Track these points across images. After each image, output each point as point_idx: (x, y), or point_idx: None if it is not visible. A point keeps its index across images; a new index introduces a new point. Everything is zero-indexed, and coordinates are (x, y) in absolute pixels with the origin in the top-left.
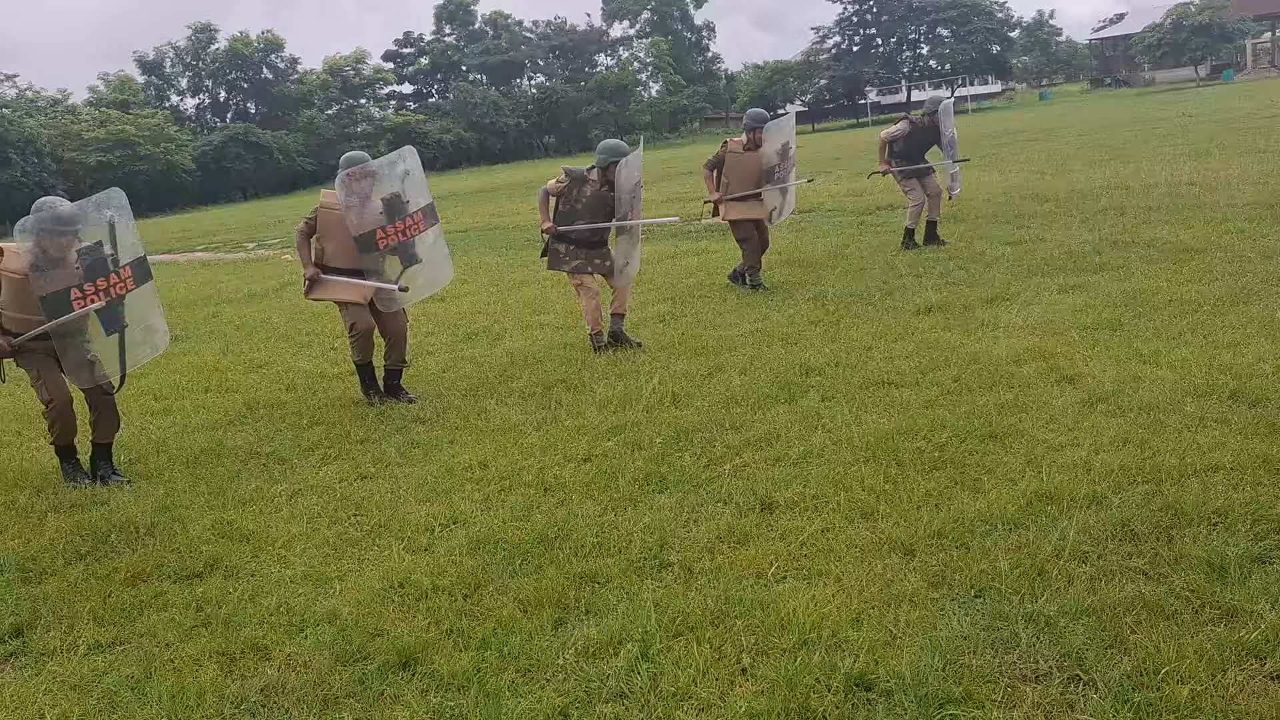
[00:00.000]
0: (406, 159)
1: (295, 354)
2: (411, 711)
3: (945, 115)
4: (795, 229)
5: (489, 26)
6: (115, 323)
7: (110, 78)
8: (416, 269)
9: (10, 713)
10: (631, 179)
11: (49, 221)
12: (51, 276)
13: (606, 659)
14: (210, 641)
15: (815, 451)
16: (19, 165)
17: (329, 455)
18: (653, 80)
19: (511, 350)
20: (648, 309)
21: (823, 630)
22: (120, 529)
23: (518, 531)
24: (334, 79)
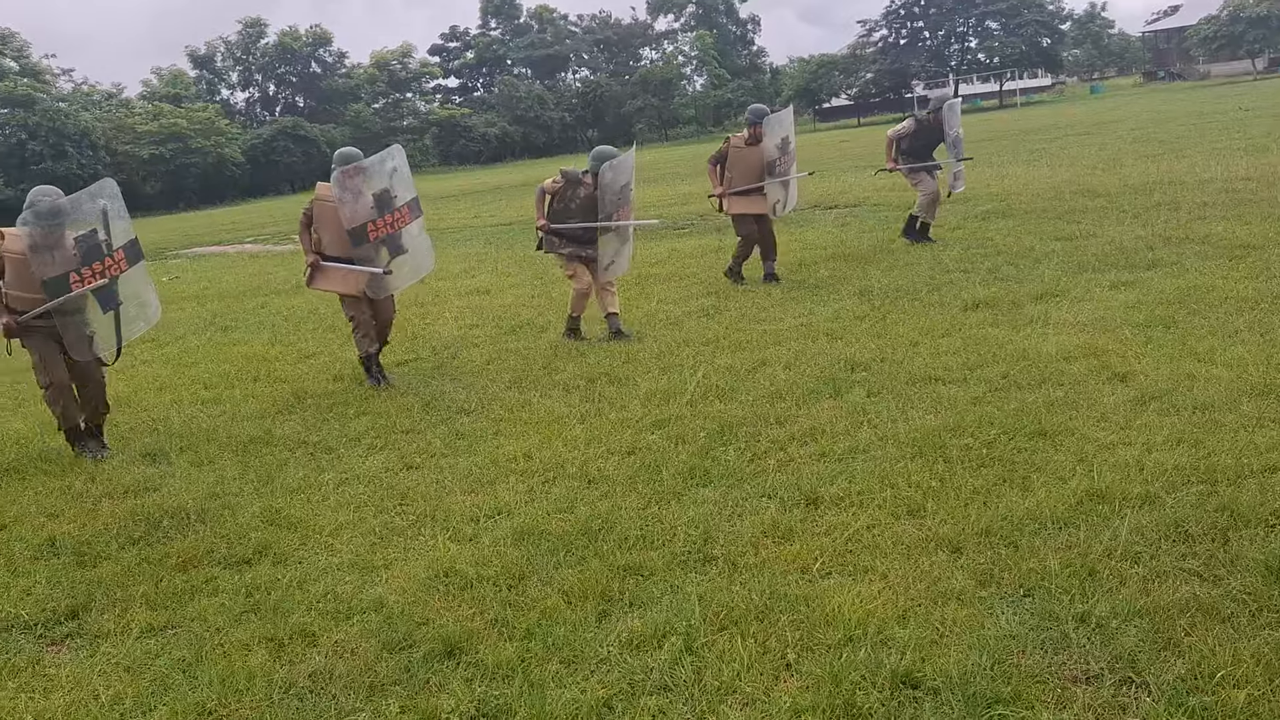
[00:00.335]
0: (395, 157)
1: (342, 345)
2: (457, 700)
3: (950, 114)
4: (840, 224)
5: (534, 20)
6: (111, 301)
7: (163, 72)
8: (403, 258)
9: (66, 693)
10: (618, 181)
11: (47, 213)
12: (51, 261)
13: (650, 651)
14: (259, 627)
15: (861, 447)
16: (75, 158)
17: (375, 445)
18: (697, 74)
19: (555, 343)
20: (691, 303)
21: (868, 627)
22: (172, 515)
23: (561, 523)
24: (381, 73)
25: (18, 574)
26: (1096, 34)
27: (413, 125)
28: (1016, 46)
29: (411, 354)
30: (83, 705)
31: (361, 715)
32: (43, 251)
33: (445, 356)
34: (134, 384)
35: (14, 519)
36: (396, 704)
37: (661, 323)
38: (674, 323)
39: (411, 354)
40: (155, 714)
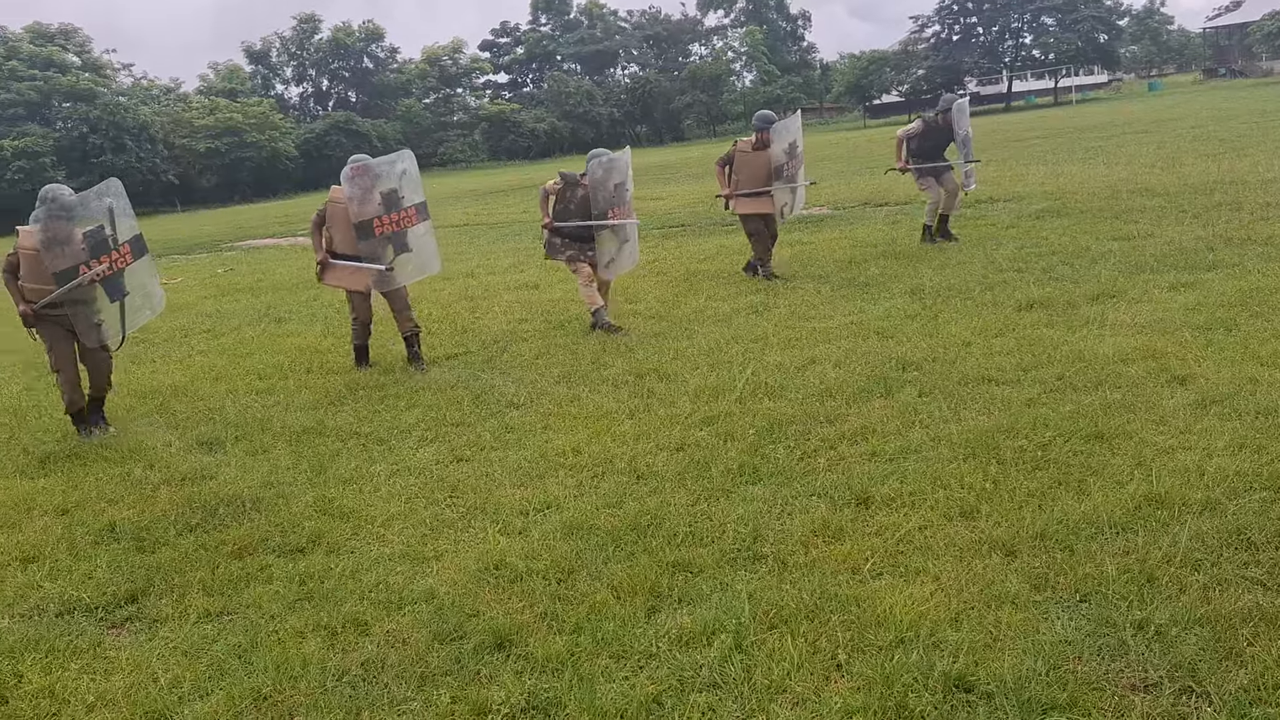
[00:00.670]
0: (405, 160)
1: (394, 338)
2: (507, 692)
3: (959, 114)
4: (890, 221)
5: (584, 16)
6: (118, 291)
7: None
8: (407, 256)
9: (126, 675)
10: (609, 179)
11: (56, 210)
12: (62, 255)
13: (700, 648)
14: (312, 615)
15: (913, 447)
16: (134, 151)
17: (426, 437)
18: (746, 70)
19: (604, 338)
20: (739, 299)
21: (920, 629)
22: (228, 503)
23: (610, 518)
24: (432, 68)
25: (79, 558)
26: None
27: (463, 120)
28: (1072, 42)
29: (461, 347)
30: (142, 687)
31: (413, 705)
32: (54, 246)
33: (494, 350)
34: (190, 373)
35: (75, 504)
36: (448, 694)
37: (710, 319)
38: (722, 319)
39: (461, 347)
40: (212, 698)
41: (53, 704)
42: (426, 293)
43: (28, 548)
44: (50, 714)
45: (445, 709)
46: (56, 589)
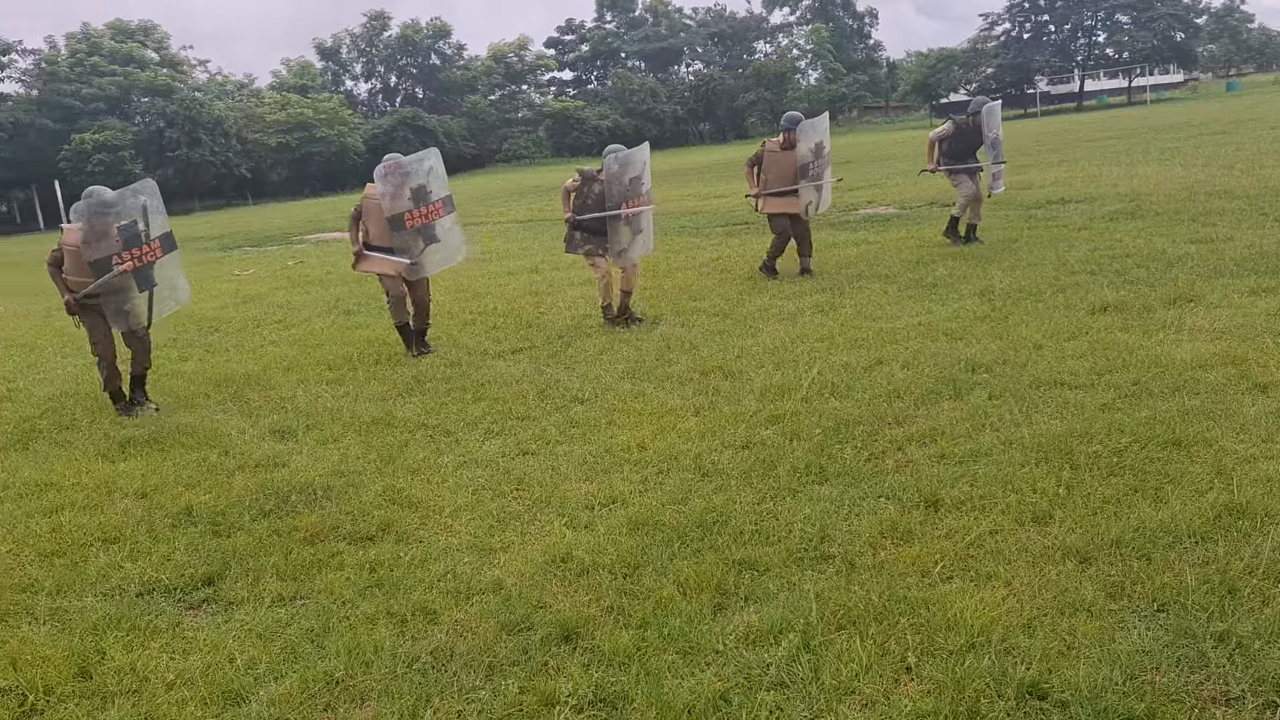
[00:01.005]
0: (432, 158)
1: (460, 331)
2: (575, 684)
3: (989, 117)
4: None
5: (649, 14)
6: (147, 282)
7: (292, 63)
8: (435, 246)
9: (204, 655)
10: (624, 173)
11: (96, 205)
12: (99, 247)
13: (767, 647)
14: (383, 602)
15: (983, 450)
16: (208, 145)
17: (492, 430)
18: (811, 68)
19: (668, 335)
20: (804, 298)
21: (992, 634)
22: (300, 490)
23: (676, 514)
24: (497, 65)
25: (158, 540)
26: (1235, 28)
27: (527, 117)
28: (1148, 41)
29: (526, 342)
30: (219, 668)
31: (481, 694)
32: (92, 240)
33: (559, 345)
34: (263, 363)
35: (154, 488)
36: (515, 684)
37: (774, 318)
38: (787, 318)
39: (526, 342)
40: (287, 680)
41: (134, 680)
42: (492, 288)
43: (109, 529)
44: (132, 690)
45: (513, 699)
46: (137, 570)
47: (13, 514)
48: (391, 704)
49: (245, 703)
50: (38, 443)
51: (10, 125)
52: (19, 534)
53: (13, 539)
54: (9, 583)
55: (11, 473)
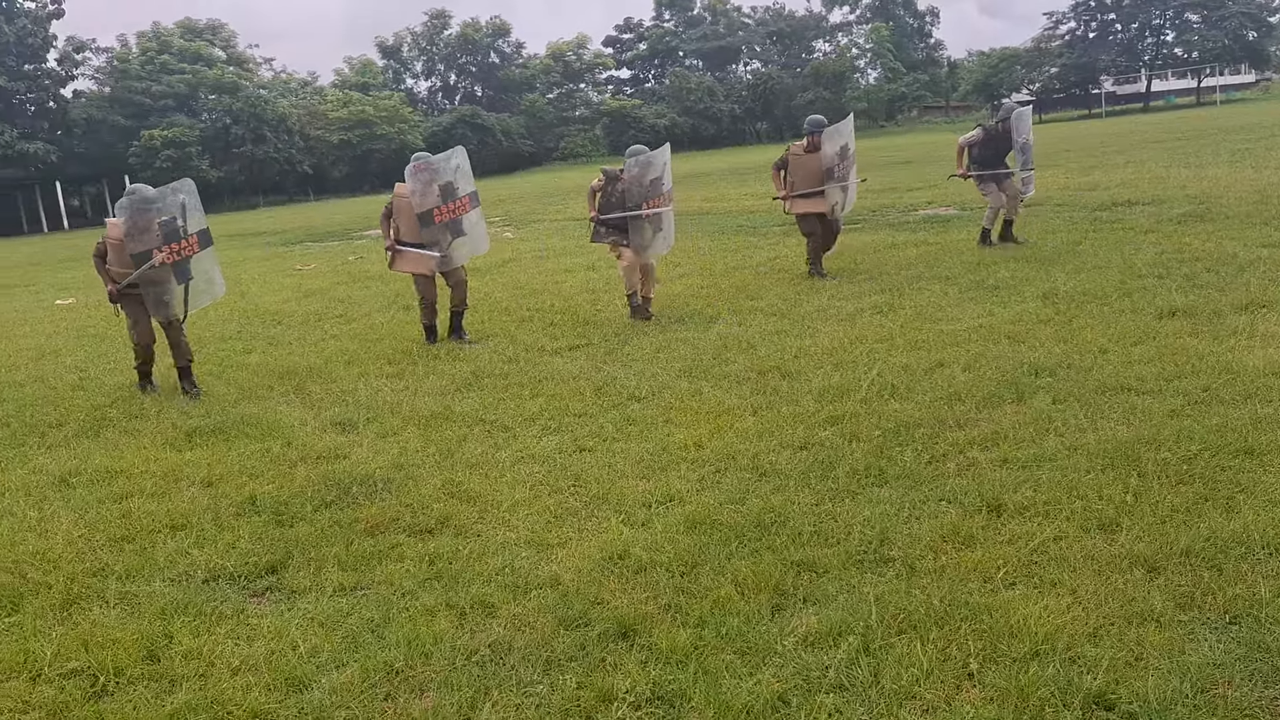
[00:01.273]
0: (458, 156)
1: (517, 327)
2: (632, 681)
3: (1018, 122)
4: (1020, 223)
5: (708, 12)
6: (184, 275)
7: (354, 61)
8: (462, 240)
9: (267, 642)
10: (644, 175)
11: (139, 202)
12: (141, 240)
13: (826, 649)
14: (442, 594)
15: (1047, 455)
16: (272, 142)
17: (549, 426)
18: (871, 67)
19: (725, 334)
20: (863, 299)
21: (1057, 642)
22: (360, 482)
23: (733, 514)
24: (556, 63)
25: (223, 528)
26: None
27: (584, 115)
28: (1218, 40)
29: (583, 339)
30: (282, 655)
31: (539, 688)
32: (135, 234)
33: (616, 343)
34: (324, 356)
35: (219, 477)
36: (573, 680)
37: (833, 318)
38: (846, 319)
39: (583, 339)
40: (348, 669)
41: (200, 665)
42: (549, 285)
43: (176, 516)
44: (198, 674)
45: (571, 694)
46: (203, 556)
47: (85, 499)
48: (451, 695)
49: (308, 690)
50: (108, 431)
51: (84, 121)
52: (90, 519)
53: (85, 523)
54: (81, 567)
55: (83, 459)
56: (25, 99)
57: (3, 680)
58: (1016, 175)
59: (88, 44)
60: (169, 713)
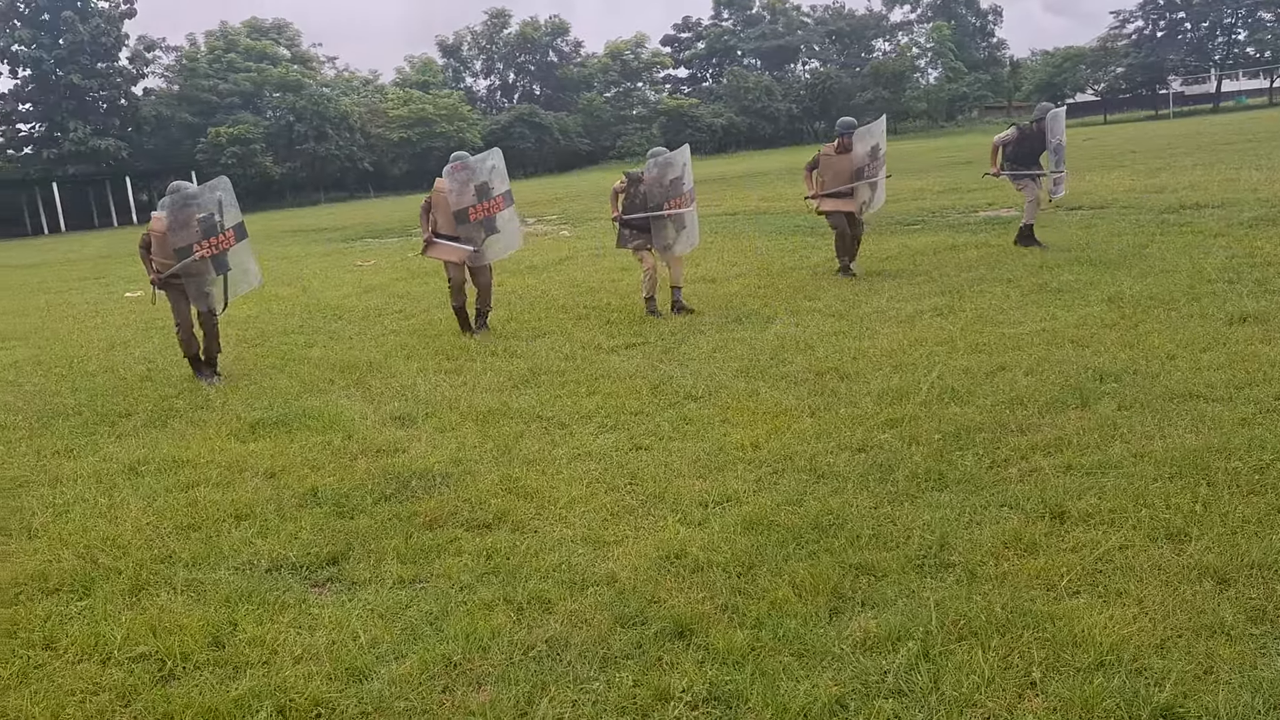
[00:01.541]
0: (494, 157)
1: (574, 325)
2: (689, 680)
3: (1053, 122)
4: (1085, 225)
5: (766, 11)
6: (222, 266)
7: (415, 60)
8: (495, 237)
9: (328, 632)
10: (664, 175)
11: (180, 199)
12: (182, 235)
13: (885, 654)
14: (499, 589)
15: (1112, 462)
16: (334, 139)
17: (605, 424)
18: (931, 66)
19: (782, 335)
20: (923, 301)
21: (1123, 653)
22: (419, 476)
23: (791, 515)
24: (614, 62)
25: (286, 519)
26: None
27: (641, 114)
28: None
29: (639, 337)
30: (343, 645)
31: (596, 685)
32: (177, 228)
33: (672, 342)
34: (384, 350)
35: (282, 468)
36: (630, 678)
37: (892, 320)
38: (905, 320)
39: (639, 337)
40: (407, 660)
41: (264, 653)
42: (605, 283)
43: (240, 506)
44: (262, 661)
45: (627, 691)
46: (266, 546)
47: (153, 488)
48: (508, 690)
49: (368, 680)
50: (175, 421)
51: (153, 119)
52: (158, 507)
53: (153, 511)
54: (150, 553)
55: (151, 448)
56: (98, 97)
57: (74, 662)
58: (1048, 176)
59: (158, 43)
60: (234, 698)
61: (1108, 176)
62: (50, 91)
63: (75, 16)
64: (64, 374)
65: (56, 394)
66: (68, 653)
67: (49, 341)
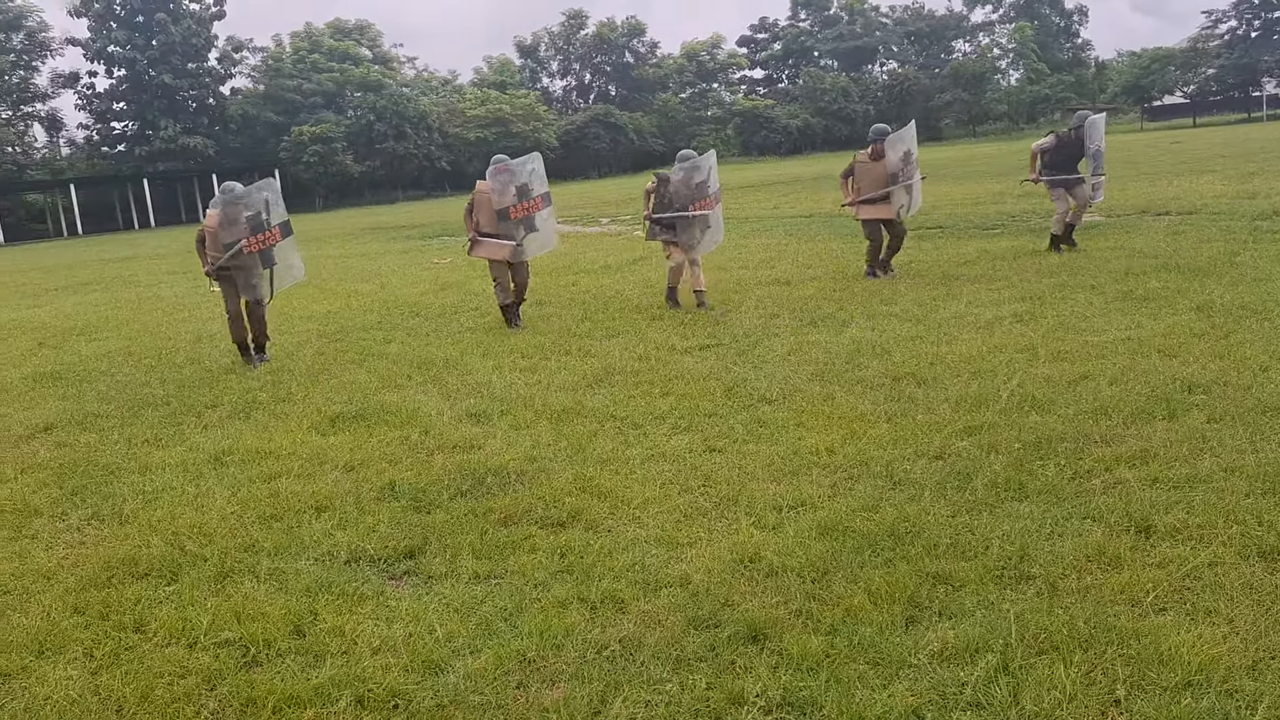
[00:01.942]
0: (534, 161)
1: (648, 325)
2: (763, 685)
3: (1091, 129)
4: (1173, 231)
5: (844, 12)
6: (269, 260)
7: (493, 60)
8: (534, 235)
9: (405, 624)
10: (690, 179)
11: (230, 198)
12: (231, 231)
13: (962, 665)
14: (574, 587)
15: (1202, 476)
16: (412, 138)
17: (679, 425)
18: (1013, 68)
19: (858, 339)
20: (1003, 307)
21: (1212, 674)
22: (495, 473)
23: (866, 522)
24: (689, 63)
25: (364, 512)
26: None
27: (717, 115)
28: None
29: (713, 339)
30: (420, 638)
31: (669, 686)
32: (227, 225)
33: (746, 344)
34: (460, 348)
35: (360, 462)
36: (703, 680)
37: (970, 326)
38: (984, 327)
39: (713, 339)
40: (482, 655)
41: (343, 643)
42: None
43: (321, 498)
44: (342, 651)
45: (700, 694)
46: (345, 538)
47: (237, 478)
48: (582, 687)
49: (444, 673)
50: (258, 413)
51: (239, 117)
52: (242, 497)
53: (237, 500)
54: (234, 542)
55: (235, 439)
56: (188, 96)
57: (163, 645)
58: (1088, 182)
59: (245, 44)
60: (314, 686)
61: (1196, 181)
62: (143, 91)
63: (168, 18)
64: (153, 365)
65: (146, 384)
66: (156, 636)
67: (139, 333)
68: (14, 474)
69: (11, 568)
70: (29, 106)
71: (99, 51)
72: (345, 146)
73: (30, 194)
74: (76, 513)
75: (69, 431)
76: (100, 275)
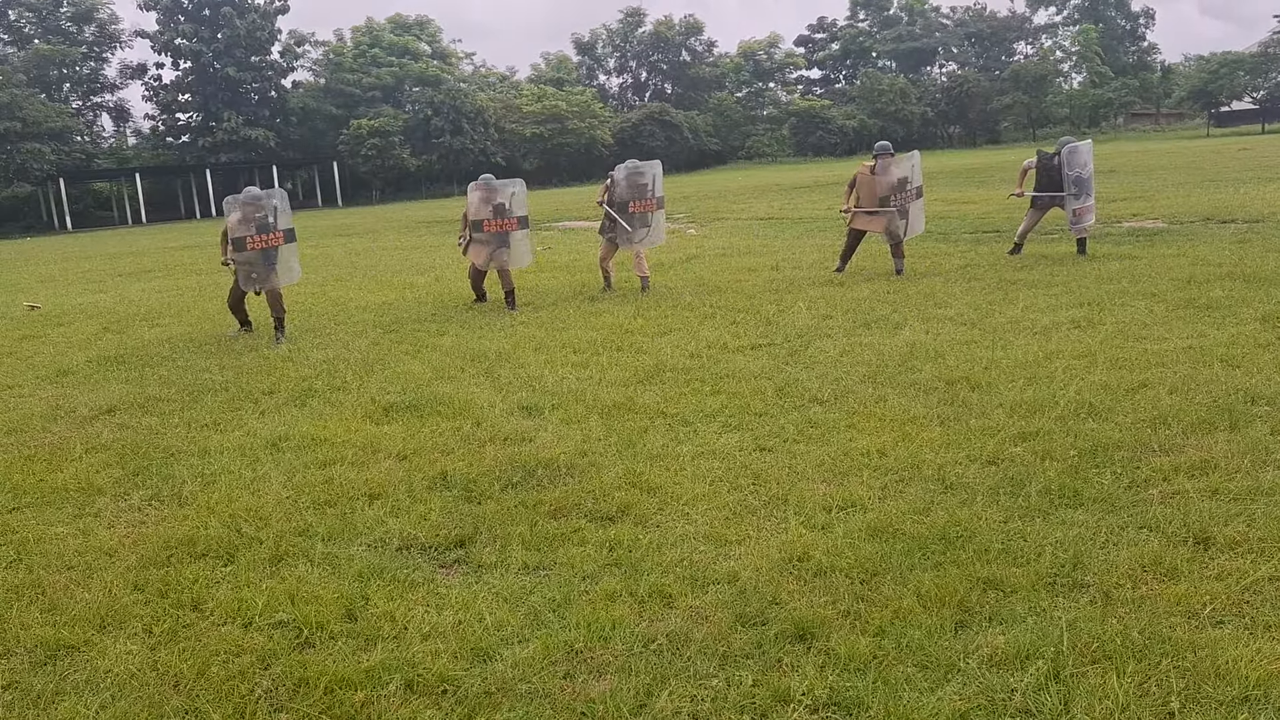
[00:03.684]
0: (516, 185)
1: (700, 324)
2: (810, 684)
3: (1070, 156)
4: (1239, 239)
5: (904, 12)
6: (270, 260)
7: (550, 57)
8: (505, 250)
9: (455, 612)
10: (630, 180)
11: (246, 199)
12: (241, 229)
13: (1013, 671)
14: (622, 581)
15: (1264, 489)
16: (469, 133)
17: (729, 424)
18: (1075, 71)
19: (911, 341)
20: (1060, 313)
21: (1270, 689)
22: (545, 466)
23: (917, 525)
24: (746, 62)
25: (416, 500)
26: None
27: (772, 115)
28: None
29: (765, 339)
30: (469, 626)
31: (715, 682)
32: (240, 224)
33: (798, 344)
34: (513, 341)
35: (413, 451)
36: (750, 677)
37: (1027, 331)
38: (1041, 332)
39: (765, 339)
40: (531, 645)
41: (394, 628)
42: (731, 283)
43: (374, 485)
44: (393, 636)
45: (747, 691)
46: (397, 526)
47: (292, 464)
48: (628, 680)
49: (492, 661)
50: (313, 401)
51: (300, 110)
52: (297, 482)
53: (292, 486)
54: (289, 526)
55: (291, 426)
56: (250, 88)
57: (219, 624)
58: (1068, 206)
59: (307, 38)
60: (365, 669)
61: (1264, 189)
62: (207, 83)
63: (233, 12)
64: (212, 351)
65: (206, 370)
66: (213, 615)
67: (200, 320)
68: (80, 453)
69: (76, 544)
70: (98, 97)
71: (166, 44)
72: (403, 140)
73: (97, 182)
74: (138, 493)
75: (131, 414)
76: (163, 262)
